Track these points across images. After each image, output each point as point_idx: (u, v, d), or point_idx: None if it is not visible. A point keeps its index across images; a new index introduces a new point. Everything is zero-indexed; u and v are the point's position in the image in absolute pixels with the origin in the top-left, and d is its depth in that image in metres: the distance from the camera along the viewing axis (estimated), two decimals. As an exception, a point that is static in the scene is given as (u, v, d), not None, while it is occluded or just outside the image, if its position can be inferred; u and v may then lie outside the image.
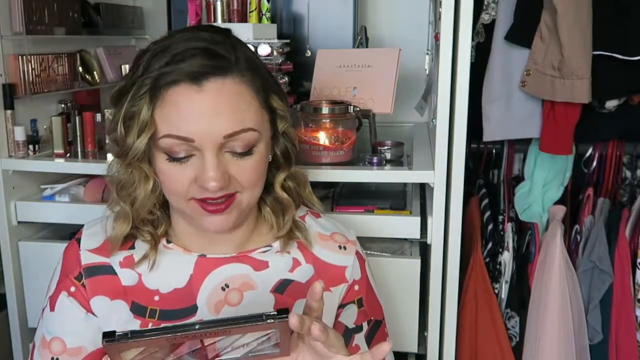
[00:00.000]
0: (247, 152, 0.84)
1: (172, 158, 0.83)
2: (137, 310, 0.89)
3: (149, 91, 0.81)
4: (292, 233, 0.96)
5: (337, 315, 0.96)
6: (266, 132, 0.87)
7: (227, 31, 0.89)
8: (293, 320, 0.66)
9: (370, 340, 0.97)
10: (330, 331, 0.69)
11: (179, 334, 0.65)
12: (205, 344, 0.71)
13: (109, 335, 0.64)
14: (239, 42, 0.88)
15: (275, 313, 0.66)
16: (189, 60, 0.80)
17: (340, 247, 0.98)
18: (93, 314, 0.90)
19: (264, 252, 0.94)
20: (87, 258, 0.92)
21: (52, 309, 0.91)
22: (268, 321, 0.66)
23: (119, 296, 0.90)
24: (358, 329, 0.96)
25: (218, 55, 0.82)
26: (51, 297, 0.92)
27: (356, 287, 0.97)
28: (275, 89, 0.90)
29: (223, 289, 0.91)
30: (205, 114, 0.80)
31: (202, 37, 0.83)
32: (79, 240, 0.94)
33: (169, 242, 0.93)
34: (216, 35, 0.85)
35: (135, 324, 0.89)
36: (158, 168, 0.85)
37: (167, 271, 0.91)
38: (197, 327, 0.65)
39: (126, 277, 0.91)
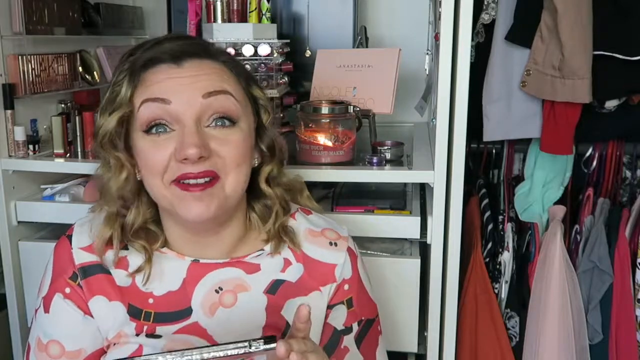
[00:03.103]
0: (229, 124, 0.83)
1: (151, 132, 0.82)
2: (133, 312, 0.89)
3: (128, 74, 0.82)
4: (281, 237, 0.95)
5: (326, 316, 0.95)
6: (248, 116, 0.87)
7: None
8: (281, 350, 0.67)
9: (360, 341, 0.96)
10: (310, 355, 0.70)
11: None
12: None
13: None
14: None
15: (262, 340, 0.69)
16: (169, 43, 0.83)
17: (331, 243, 0.96)
18: (90, 315, 0.89)
19: (257, 256, 0.94)
20: (80, 257, 0.90)
21: (46, 310, 0.89)
22: (253, 348, 0.68)
23: (117, 297, 0.89)
24: (347, 330, 0.95)
25: (198, 42, 0.86)
26: (45, 297, 0.90)
27: (346, 287, 0.96)
28: (255, 81, 0.92)
29: (217, 291, 0.90)
30: (184, 81, 0.81)
31: (182, 34, 0.86)
32: (70, 238, 0.92)
33: (162, 246, 0.92)
34: (196, 37, 0.89)
35: (131, 326, 0.88)
36: (138, 149, 0.83)
37: (160, 275, 0.90)
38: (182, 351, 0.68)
39: (120, 277, 0.90)
